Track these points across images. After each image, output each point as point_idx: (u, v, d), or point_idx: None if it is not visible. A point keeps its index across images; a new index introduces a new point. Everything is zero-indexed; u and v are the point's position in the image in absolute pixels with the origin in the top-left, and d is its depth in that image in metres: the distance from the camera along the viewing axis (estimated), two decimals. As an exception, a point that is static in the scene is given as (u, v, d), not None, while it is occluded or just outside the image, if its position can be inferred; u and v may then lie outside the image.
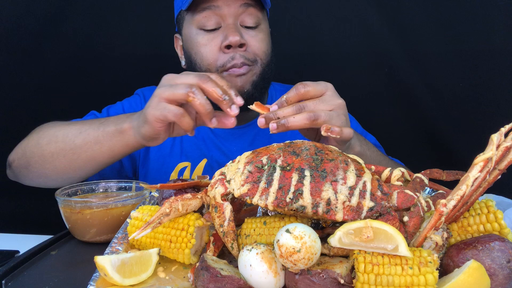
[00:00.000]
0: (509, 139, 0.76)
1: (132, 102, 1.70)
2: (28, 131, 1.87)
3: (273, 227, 0.85)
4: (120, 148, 1.23)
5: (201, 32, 1.45)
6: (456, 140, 2.03)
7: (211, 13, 1.43)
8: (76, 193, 1.24)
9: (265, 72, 1.49)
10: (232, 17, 1.43)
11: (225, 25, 1.43)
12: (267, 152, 0.89)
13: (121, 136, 1.21)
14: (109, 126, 1.23)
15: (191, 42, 1.49)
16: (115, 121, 1.24)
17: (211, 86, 1.06)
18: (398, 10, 2.01)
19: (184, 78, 1.09)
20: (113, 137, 1.22)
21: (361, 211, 0.79)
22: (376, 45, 2.07)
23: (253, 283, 0.74)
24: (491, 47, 1.92)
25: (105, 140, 1.23)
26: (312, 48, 2.12)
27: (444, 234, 0.78)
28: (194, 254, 0.90)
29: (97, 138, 1.24)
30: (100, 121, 1.28)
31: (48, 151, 1.30)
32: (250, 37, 1.45)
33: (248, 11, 1.45)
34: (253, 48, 1.45)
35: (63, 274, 0.96)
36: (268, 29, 1.57)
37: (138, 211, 0.97)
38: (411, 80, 2.06)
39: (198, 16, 1.44)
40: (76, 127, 1.30)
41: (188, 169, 1.63)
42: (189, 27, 1.49)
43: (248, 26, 1.46)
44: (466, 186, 0.74)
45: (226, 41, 1.39)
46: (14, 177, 1.48)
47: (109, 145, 1.23)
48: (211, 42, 1.44)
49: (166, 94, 1.06)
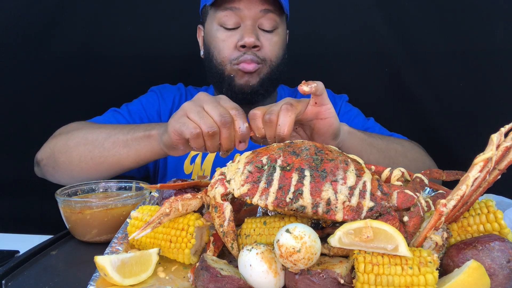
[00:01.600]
0: (509, 139, 0.76)
1: (149, 98, 1.74)
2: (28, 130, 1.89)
3: (273, 227, 0.85)
4: (146, 153, 1.28)
5: (221, 29, 1.55)
6: (456, 140, 2.03)
7: (232, 13, 1.52)
8: (76, 193, 1.24)
9: (273, 73, 1.58)
10: (251, 19, 1.52)
11: (244, 26, 1.52)
12: (267, 152, 0.89)
13: (148, 141, 1.26)
14: (139, 132, 1.29)
15: (211, 36, 1.59)
16: (145, 127, 1.31)
17: (226, 135, 1.05)
18: (398, 10, 2.01)
19: (212, 110, 1.07)
20: (141, 141, 1.27)
21: (361, 211, 0.79)
22: (376, 45, 2.07)
23: (253, 283, 0.74)
24: (491, 47, 1.92)
25: (133, 144, 1.28)
26: (312, 48, 2.12)
27: (444, 234, 0.78)
28: (194, 254, 0.90)
29: (126, 142, 1.29)
30: (130, 126, 1.34)
31: (76, 154, 1.35)
32: (266, 39, 1.55)
33: (267, 16, 1.54)
34: (265, 50, 1.55)
35: (63, 274, 0.96)
36: (285, 32, 1.66)
37: (138, 211, 0.97)
38: (411, 80, 2.06)
39: (220, 14, 1.54)
40: (107, 131, 1.35)
41: (200, 156, 1.66)
42: (211, 22, 1.59)
43: (265, 30, 1.55)
44: (466, 186, 0.74)
45: (242, 41, 1.50)
46: (41, 175, 1.52)
47: (136, 149, 1.28)
48: (228, 39, 1.54)
49: (191, 116, 1.07)
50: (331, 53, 2.12)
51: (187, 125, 1.06)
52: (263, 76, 1.56)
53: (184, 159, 1.68)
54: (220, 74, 1.57)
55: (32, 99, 2.12)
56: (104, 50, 2.14)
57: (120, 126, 1.38)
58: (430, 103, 2.05)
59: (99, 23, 2.11)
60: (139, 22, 2.13)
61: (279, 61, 1.60)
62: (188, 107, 1.09)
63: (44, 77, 2.11)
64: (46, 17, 2.06)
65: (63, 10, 2.06)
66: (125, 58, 2.14)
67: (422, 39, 2.01)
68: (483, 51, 1.94)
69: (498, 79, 1.94)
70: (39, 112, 2.14)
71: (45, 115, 2.14)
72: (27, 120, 2.13)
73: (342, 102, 1.82)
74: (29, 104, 2.13)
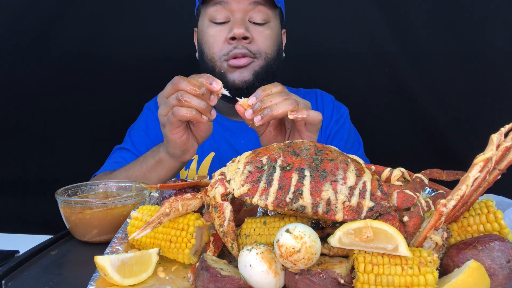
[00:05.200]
0: (509, 139, 0.76)
1: (146, 119, 1.76)
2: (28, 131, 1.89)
3: (273, 227, 0.85)
4: (165, 174, 1.33)
5: (211, 25, 1.55)
6: (456, 140, 2.03)
7: (221, 7, 1.51)
8: (76, 193, 1.24)
9: (269, 65, 1.55)
10: (240, 12, 1.51)
11: (233, 19, 1.51)
12: (267, 152, 0.89)
13: (162, 164, 1.31)
14: (149, 161, 1.34)
15: (202, 33, 1.58)
16: (152, 154, 1.36)
17: (185, 86, 1.11)
18: (398, 10, 2.01)
19: (165, 89, 1.15)
20: (156, 168, 1.33)
21: (361, 211, 0.79)
22: (376, 45, 2.07)
23: (253, 283, 0.74)
24: (491, 47, 1.92)
25: (151, 173, 1.34)
26: (312, 48, 2.12)
27: (444, 234, 0.78)
28: (194, 254, 0.90)
29: (144, 175, 1.35)
30: (139, 160, 1.41)
31: None
32: (257, 32, 1.52)
33: (257, 8, 1.52)
34: (258, 43, 1.52)
35: (63, 274, 0.96)
36: (279, 28, 1.63)
37: (138, 211, 0.97)
38: (411, 80, 2.06)
39: (209, 10, 1.54)
40: (123, 175, 1.41)
41: (195, 161, 1.65)
42: (202, 20, 1.59)
43: (256, 23, 1.52)
44: (466, 186, 0.74)
45: (231, 33, 1.48)
46: None
47: (156, 175, 1.34)
48: (218, 34, 1.53)
49: (165, 112, 1.15)
50: (330, 53, 2.13)
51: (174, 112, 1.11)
52: (258, 69, 1.52)
53: None
54: (211, 71, 1.54)
55: (32, 100, 2.13)
56: (104, 50, 2.14)
57: (132, 164, 1.42)
58: (430, 103, 2.06)
59: (99, 24, 2.11)
60: (139, 23, 2.13)
61: (275, 55, 1.56)
62: (159, 112, 1.17)
63: (44, 78, 2.12)
64: (46, 18, 2.06)
65: (63, 11, 2.07)
66: (125, 58, 2.15)
67: (422, 39, 2.01)
68: (483, 51, 1.94)
69: (498, 79, 1.94)
70: (39, 112, 2.14)
71: (45, 115, 2.14)
72: (27, 120, 2.14)
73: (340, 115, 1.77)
74: (29, 105, 2.13)
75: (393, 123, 2.13)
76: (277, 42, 1.58)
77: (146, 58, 2.14)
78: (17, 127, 2.13)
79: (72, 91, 2.14)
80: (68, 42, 2.10)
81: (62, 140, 2.17)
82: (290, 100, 1.08)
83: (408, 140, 2.12)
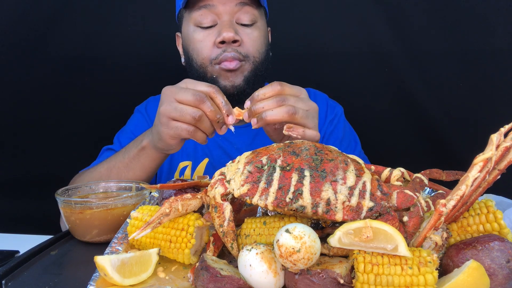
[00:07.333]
0: (509, 139, 0.76)
1: (136, 122, 1.74)
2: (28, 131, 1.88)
3: (273, 227, 0.85)
4: (148, 163, 1.32)
5: (197, 29, 1.50)
6: (456, 140, 2.03)
7: (207, 11, 1.47)
8: (76, 193, 1.24)
9: (258, 69, 1.53)
10: (227, 14, 1.47)
11: (221, 22, 1.47)
12: (267, 152, 0.89)
13: (144, 152, 1.30)
14: (132, 150, 1.33)
15: (189, 38, 1.54)
16: (134, 143, 1.34)
17: (208, 107, 1.09)
18: (398, 10, 2.01)
19: (184, 95, 1.11)
20: (139, 157, 1.31)
21: (360, 211, 0.79)
22: (376, 45, 2.07)
23: (253, 283, 0.74)
24: (491, 47, 1.92)
25: (133, 163, 1.33)
26: (312, 48, 2.12)
27: (443, 234, 0.78)
28: (194, 254, 0.90)
29: (127, 165, 1.34)
30: (123, 151, 1.38)
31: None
32: (245, 34, 1.49)
33: (244, 9, 1.49)
34: (247, 45, 1.49)
35: (63, 274, 0.96)
36: (265, 27, 1.60)
37: (138, 211, 0.97)
38: (411, 80, 2.06)
39: (195, 14, 1.49)
40: (104, 166, 1.40)
41: (189, 168, 1.64)
42: (187, 25, 1.54)
43: (244, 24, 1.49)
44: (466, 186, 0.74)
45: (220, 37, 1.44)
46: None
47: (139, 165, 1.32)
48: (206, 38, 1.49)
49: (173, 115, 1.11)
50: (330, 53, 2.13)
51: (181, 127, 1.10)
52: (248, 74, 1.50)
53: (174, 170, 1.67)
54: (202, 77, 1.51)
55: (32, 100, 2.13)
56: (103, 50, 2.14)
57: (114, 156, 1.41)
58: (429, 103, 2.06)
59: (98, 25, 2.11)
60: (139, 23, 2.13)
61: (263, 57, 1.54)
62: (166, 110, 1.12)
63: (43, 78, 2.12)
64: (45, 18, 2.06)
65: (62, 11, 2.07)
66: (124, 58, 2.15)
67: (422, 39, 2.01)
68: (483, 51, 1.94)
69: (498, 79, 1.94)
70: (39, 113, 2.14)
71: (45, 116, 2.14)
72: (27, 120, 2.14)
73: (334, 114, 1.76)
74: (29, 105, 2.13)
75: (392, 123, 2.13)
76: (265, 43, 1.56)
77: (146, 59, 2.15)
78: (17, 127, 2.13)
79: (72, 91, 2.14)
80: (68, 42, 2.10)
81: (62, 140, 2.17)
82: (286, 107, 1.06)
83: (408, 140, 2.12)
